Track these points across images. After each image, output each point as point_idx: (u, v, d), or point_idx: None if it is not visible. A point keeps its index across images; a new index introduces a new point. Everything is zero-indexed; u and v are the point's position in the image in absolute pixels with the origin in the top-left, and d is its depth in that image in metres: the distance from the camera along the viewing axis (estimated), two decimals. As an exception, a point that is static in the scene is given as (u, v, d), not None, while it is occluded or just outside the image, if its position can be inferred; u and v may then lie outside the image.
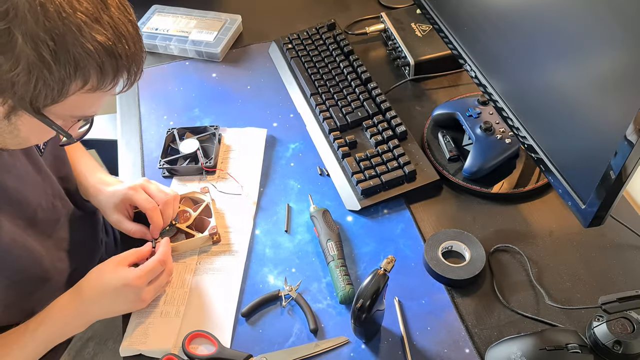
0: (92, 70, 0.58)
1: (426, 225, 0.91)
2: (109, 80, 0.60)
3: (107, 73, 0.59)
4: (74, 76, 0.57)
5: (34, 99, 0.58)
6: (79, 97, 0.60)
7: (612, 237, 0.86)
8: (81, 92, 0.59)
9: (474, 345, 0.77)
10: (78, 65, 0.57)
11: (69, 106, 0.61)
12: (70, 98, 0.59)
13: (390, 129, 1.00)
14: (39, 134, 0.67)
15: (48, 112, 0.61)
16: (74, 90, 0.59)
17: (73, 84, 0.58)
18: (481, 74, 0.90)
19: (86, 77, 0.58)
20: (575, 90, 0.70)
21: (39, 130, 0.65)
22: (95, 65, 0.58)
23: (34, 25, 0.53)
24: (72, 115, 0.64)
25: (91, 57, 0.57)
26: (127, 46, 0.60)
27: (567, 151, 0.75)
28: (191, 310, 0.82)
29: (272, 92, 1.14)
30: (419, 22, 1.18)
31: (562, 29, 0.69)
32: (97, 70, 0.58)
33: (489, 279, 0.83)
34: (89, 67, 0.57)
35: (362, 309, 0.70)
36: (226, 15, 1.28)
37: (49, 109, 0.60)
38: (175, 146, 1.01)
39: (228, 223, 0.92)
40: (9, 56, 0.54)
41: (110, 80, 0.60)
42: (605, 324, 0.72)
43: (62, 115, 0.63)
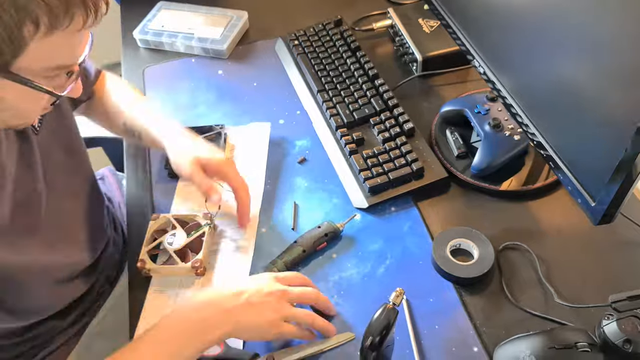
0: (38, 9, 0.53)
1: (434, 223, 0.90)
2: (62, 16, 0.55)
3: (56, 7, 0.54)
4: (21, 20, 0.53)
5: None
6: (41, 43, 0.56)
7: (622, 235, 0.86)
8: (39, 37, 0.55)
9: (482, 344, 0.76)
10: (20, 7, 0.53)
11: (35, 57, 0.57)
12: (31, 48, 0.56)
13: (397, 126, 0.99)
14: (26, 99, 0.62)
15: (19, 70, 0.57)
16: (29, 37, 0.55)
17: (24, 28, 0.54)
18: (490, 70, 0.89)
19: (34, 18, 0.54)
20: (585, 86, 0.69)
21: (23, 95, 0.60)
22: (40, 2, 0.53)
23: None
24: (46, 67, 0.60)
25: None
26: None
27: (576, 148, 0.74)
28: None
29: (279, 88, 1.14)
30: (426, 17, 1.17)
31: (572, 22, 0.68)
32: (44, 7, 0.54)
33: (498, 277, 0.83)
34: (33, 6, 0.53)
35: (373, 346, 0.68)
36: (232, 11, 1.28)
37: (17, 65, 0.57)
38: None
39: (234, 221, 0.92)
40: None
41: (63, 15, 0.55)
42: (615, 322, 0.71)
43: (36, 70, 0.59)
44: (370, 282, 0.84)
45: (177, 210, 0.94)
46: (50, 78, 0.61)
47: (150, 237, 0.88)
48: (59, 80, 0.63)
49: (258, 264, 0.87)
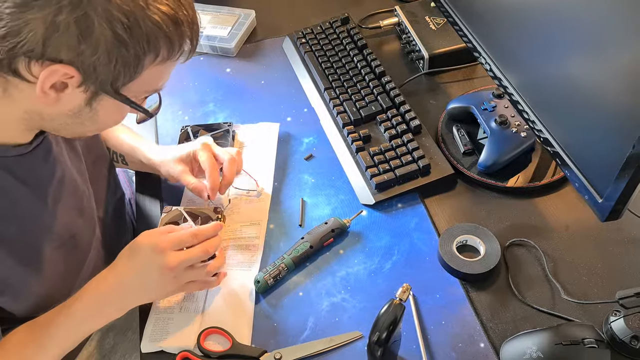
0: (161, 41, 0.60)
1: (440, 219, 0.90)
2: (177, 49, 0.63)
3: (174, 42, 0.62)
4: (147, 50, 0.60)
5: (114, 80, 0.60)
6: (152, 70, 0.63)
7: (629, 231, 0.85)
8: (153, 65, 0.62)
9: (489, 340, 0.76)
10: (149, 39, 0.59)
11: (142, 82, 0.63)
12: (144, 74, 0.62)
13: (404, 123, 0.99)
14: (115, 116, 0.69)
15: (125, 92, 0.63)
16: (147, 65, 0.61)
17: (147, 58, 0.60)
18: (496, 67, 0.89)
19: (157, 49, 0.61)
20: (592, 82, 0.69)
21: (116, 112, 0.67)
22: (164, 36, 0.60)
23: (107, 5, 0.55)
24: (145, 90, 0.67)
25: (160, 28, 0.59)
26: (186, 12, 0.62)
27: (583, 144, 0.74)
28: (210, 307, 0.82)
29: (286, 86, 1.14)
30: (433, 15, 1.17)
31: (579, 18, 0.68)
32: (166, 40, 0.60)
33: (504, 274, 0.83)
34: (159, 39, 0.60)
35: (379, 342, 0.68)
36: (240, 10, 1.28)
37: (126, 87, 0.62)
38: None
39: (243, 218, 0.92)
40: (89, 41, 0.56)
41: (177, 48, 0.63)
42: (622, 318, 0.71)
43: (137, 92, 0.65)
44: (377, 278, 0.84)
45: (187, 204, 0.95)
46: (142, 98, 0.68)
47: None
48: (143, 100, 0.69)
49: (265, 260, 0.87)
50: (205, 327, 0.79)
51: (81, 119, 0.65)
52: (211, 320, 0.80)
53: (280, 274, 0.83)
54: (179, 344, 0.78)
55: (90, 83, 0.60)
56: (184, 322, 0.80)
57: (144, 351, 0.78)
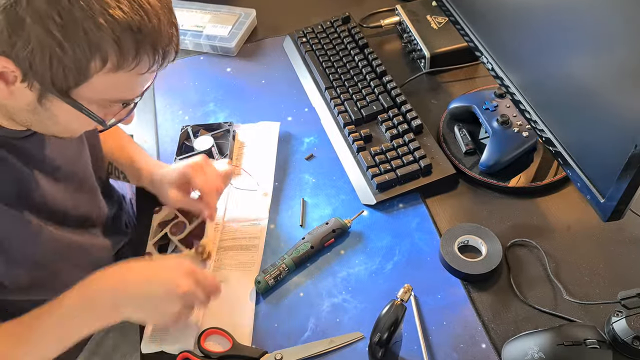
0: (108, 47, 0.56)
1: (442, 219, 0.90)
2: (131, 58, 0.58)
3: (127, 50, 0.57)
4: (90, 53, 0.56)
5: (55, 80, 0.57)
6: (104, 78, 0.58)
7: (631, 231, 0.85)
8: (103, 72, 0.58)
9: (490, 341, 0.76)
10: (91, 42, 0.55)
11: (97, 89, 0.59)
12: (95, 79, 0.58)
13: (405, 123, 0.99)
14: (78, 121, 0.65)
15: (77, 96, 0.60)
16: (94, 70, 0.57)
17: (92, 62, 0.56)
18: (498, 66, 0.89)
19: (104, 55, 0.56)
20: (594, 81, 0.69)
21: (74, 117, 0.63)
22: (111, 41, 0.56)
23: (38, 2, 0.52)
24: (104, 99, 0.62)
25: (104, 32, 0.55)
26: (148, 20, 0.57)
27: (586, 144, 0.73)
28: (211, 307, 0.80)
29: (287, 86, 1.14)
30: (434, 14, 1.17)
31: (582, 18, 0.68)
32: (114, 46, 0.56)
33: (506, 274, 0.83)
34: (104, 44, 0.55)
35: (381, 342, 0.68)
36: (240, 9, 1.28)
37: (77, 92, 0.59)
38: (189, 143, 1.00)
39: (244, 217, 0.92)
40: (20, 34, 0.54)
41: (132, 58, 0.58)
42: (624, 319, 0.71)
43: (95, 99, 0.61)
44: (378, 279, 0.84)
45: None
46: (105, 107, 0.64)
47: (155, 229, 0.90)
48: (113, 109, 0.66)
49: (266, 260, 0.87)
50: (206, 328, 0.78)
51: (40, 118, 0.63)
52: (211, 320, 0.80)
53: (281, 275, 0.83)
54: (180, 344, 0.78)
55: (32, 80, 0.57)
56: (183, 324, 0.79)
57: (144, 352, 0.78)
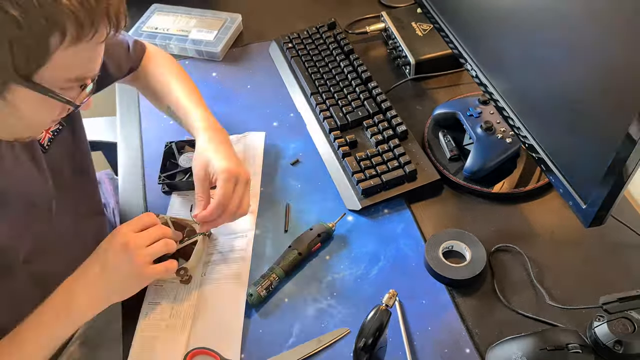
0: (66, 19, 0.55)
1: (427, 225, 0.90)
2: (89, 28, 0.57)
3: (84, 19, 0.56)
4: (48, 29, 0.54)
5: (17, 66, 0.55)
6: (65, 54, 0.57)
7: (613, 237, 0.86)
8: (63, 47, 0.57)
9: (474, 346, 0.76)
10: (48, 16, 0.54)
11: (58, 67, 0.58)
12: (55, 57, 0.57)
13: (390, 129, 1.00)
14: (41, 110, 0.63)
15: (40, 79, 0.58)
16: (55, 46, 0.56)
17: (52, 38, 0.55)
18: (482, 74, 0.89)
19: (62, 29, 0.55)
20: (576, 89, 0.70)
21: (39, 105, 0.61)
22: (69, 13, 0.54)
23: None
24: (66, 78, 0.61)
25: (59, 3, 0.54)
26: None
27: (568, 151, 0.74)
28: (198, 323, 0.80)
29: (272, 91, 1.14)
30: (419, 21, 1.18)
31: (563, 27, 0.69)
32: (72, 17, 0.55)
33: (490, 279, 0.83)
34: (62, 17, 0.54)
35: (365, 348, 0.68)
36: (226, 14, 1.28)
37: (39, 74, 0.58)
38: (174, 160, 0.98)
39: (230, 230, 0.91)
40: None
41: (89, 27, 0.57)
42: (606, 324, 0.71)
43: (56, 80, 0.60)
44: (363, 284, 0.84)
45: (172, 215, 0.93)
46: (65, 90, 0.62)
47: None
48: (72, 93, 0.64)
49: (252, 268, 0.86)
50: (192, 349, 0.77)
51: (3, 116, 0.61)
52: (199, 336, 0.78)
53: (272, 285, 0.83)
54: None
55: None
56: (170, 340, 0.78)
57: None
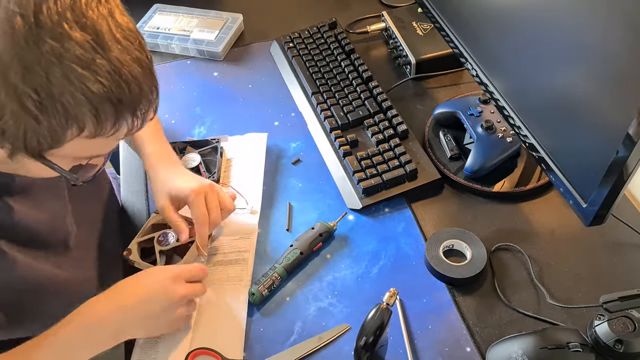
0: (85, 118, 0.53)
1: (427, 224, 0.91)
2: (109, 126, 0.56)
3: (105, 119, 0.55)
4: (66, 124, 0.53)
5: (28, 145, 0.55)
6: (79, 142, 0.56)
7: (613, 236, 0.86)
8: (79, 138, 0.56)
9: (475, 344, 0.77)
10: (69, 114, 0.53)
11: (70, 151, 0.57)
12: (68, 145, 0.56)
13: (391, 128, 1.00)
14: (49, 172, 0.63)
15: (50, 155, 0.57)
16: (70, 137, 0.55)
17: (68, 131, 0.54)
18: (482, 73, 0.90)
19: (81, 125, 0.54)
20: (577, 88, 0.70)
21: (47, 172, 0.60)
22: (89, 114, 0.53)
23: (14, 78, 0.50)
24: (77, 157, 0.61)
25: (82, 105, 0.53)
26: (129, 90, 0.55)
27: (568, 150, 0.74)
28: (200, 324, 0.80)
29: (274, 90, 1.14)
30: (420, 20, 1.18)
31: (564, 27, 0.69)
32: (92, 118, 0.54)
33: (490, 278, 0.83)
34: (82, 116, 0.53)
35: (366, 346, 0.68)
36: (227, 14, 1.28)
37: (49, 153, 0.57)
38: None
39: (233, 231, 0.91)
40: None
41: (110, 126, 0.56)
42: (606, 322, 0.72)
43: (67, 157, 0.60)
44: (364, 283, 0.84)
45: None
46: (78, 161, 0.63)
47: (147, 229, 0.88)
48: (84, 161, 0.64)
49: (255, 268, 0.87)
50: (194, 348, 0.77)
51: (11, 167, 0.61)
52: (202, 337, 0.79)
53: (274, 284, 0.83)
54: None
55: (3, 142, 0.55)
56: (173, 341, 0.78)
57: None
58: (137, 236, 0.87)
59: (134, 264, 0.85)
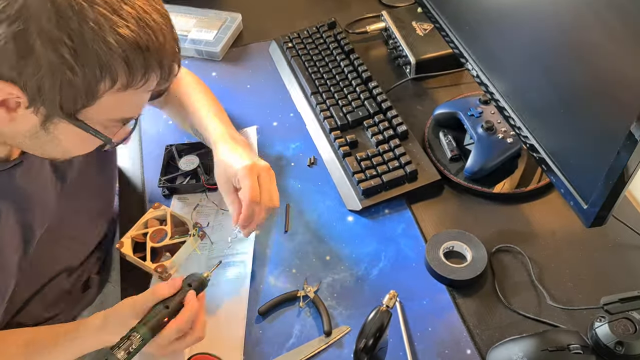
0: (118, 66, 0.55)
1: (427, 225, 0.90)
2: (140, 77, 0.57)
3: (136, 68, 0.56)
4: (100, 75, 0.55)
5: (64, 104, 0.56)
6: (112, 97, 0.57)
7: (614, 237, 0.86)
8: (112, 91, 0.57)
9: (475, 346, 0.76)
10: (102, 62, 0.54)
11: (104, 109, 0.58)
12: (102, 100, 0.57)
13: (391, 129, 0.99)
14: (81, 142, 0.64)
15: (84, 117, 0.58)
16: (103, 91, 0.56)
17: (101, 83, 0.55)
18: (482, 73, 0.89)
19: (113, 75, 0.55)
20: (577, 89, 0.70)
21: (80, 138, 0.62)
22: (121, 61, 0.55)
23: (48, 24, 0.51)
24: (109, 118, 0.62)
25: (114, 51, 0.54)
26: (155, 37, 0.56)
27: (569, 151, 0.74)
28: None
29: (272, 91, 1.14)
30: (420, 20, 1.17)
31: (564, 28, 0.69)
32: (124, 66, 0.55)
33: (491, 280, 0.83)
34: (115, 64, 0.55)
35: (366, 349, 0.68)
36: (226, 13, 1.28)
37: (84, 113, 0.58)
38: (174, 163, 0.98)
39: (231, 233, 0.90)
40: (30, 60, 0.52)
41: (140, 76, 0.57)
42: (607, 324, 0.71)
43: (100, 119, 0.60)
44: (364, 285, 0.84)
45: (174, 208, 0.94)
46: (107, 127, 0.63)
47: (141, 224, 0.89)
48: (114, 129, 0.64)
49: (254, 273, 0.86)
50: (194, 353, 0.76)
51: (41, 142, 0.61)
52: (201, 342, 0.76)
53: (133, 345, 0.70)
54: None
55: (38, 104, 0.56)
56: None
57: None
58: (132, 229, 0.88)
59: (126, 257, 0.86)
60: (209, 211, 0.94)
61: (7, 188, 0.68)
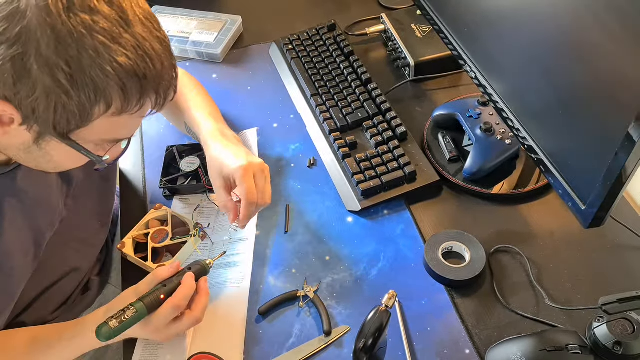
0: (113, 92, 0.55)
1: (426, 226, 0.91)
2: (135, 102, 0.58)
3: (132, 95, 0.57)
4: (95, 100, 0.55)
5: (57, 124, 0.56)
6: (106, 121, 0.58)
7: (612, 238, 0.86)
8: (106, 115, 0.57)
9: (474, 346, 0.77)
10: (98, 88, 0.55)
11: (97, 130, 0.59)
12: (96, 122, 0.58)
13: (390, 130, 1.00)
14: (72, 159, 0.65)
15: (76, 137, 0.59)
16: (97, 114, 0.57)
17: (96, 107, 0.56)
18: (481, 75, 0.90)
19: (108, 100, 0.56)
20: (575, 90, 0.70)
21: (71, 156, 0.63)
22: (117, 88, 0.55)
23: (46, 50, 0.52)
24: (102, 139, 0.62)
25: (111, 79, 0.54)
26: (152, 65, 0.57)
27: (567, 152, 0.75)
28: (200, 328, 0.79)
29: (273, 92, 1.14)
30: (419, 23, 1.18)
31: (562, 29, 0.69)
32: (119, 92, 0.56)
33: (489, 280, 0.83)
34: (110, 90, 0.55)
35: (365, 348, 0.68)
36: (226, 16, 1.28)
37: (77, 133, 0.59)
38: (175, 164, 0.98)
39: (230, 235, 0.91)
40: (26, 82, 0.53)
41: (135, 102, 0.58)
42: (605, 324, 0.71)
43: (92, 139, 0.61)
44: (363, 285, 0.84)
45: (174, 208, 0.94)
46: (99, 146, 0.63)
47: (144, 223, 0.89)
48: (108, 146, 0.65)
49: (254, 273, 0.86)
50: (194, 353, 0.76)
51: (33, 156, 0.62)
52: (201, 341, 0.78)
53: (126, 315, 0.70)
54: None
55: (32, 123, 0.56)
56: (172, 347, 0.78)
57: None
58: (133, 230, 0.88)
59: (127, 258, 0.86)
60: (210, 212, 0.94)
61: (10, 190, 0.69)
